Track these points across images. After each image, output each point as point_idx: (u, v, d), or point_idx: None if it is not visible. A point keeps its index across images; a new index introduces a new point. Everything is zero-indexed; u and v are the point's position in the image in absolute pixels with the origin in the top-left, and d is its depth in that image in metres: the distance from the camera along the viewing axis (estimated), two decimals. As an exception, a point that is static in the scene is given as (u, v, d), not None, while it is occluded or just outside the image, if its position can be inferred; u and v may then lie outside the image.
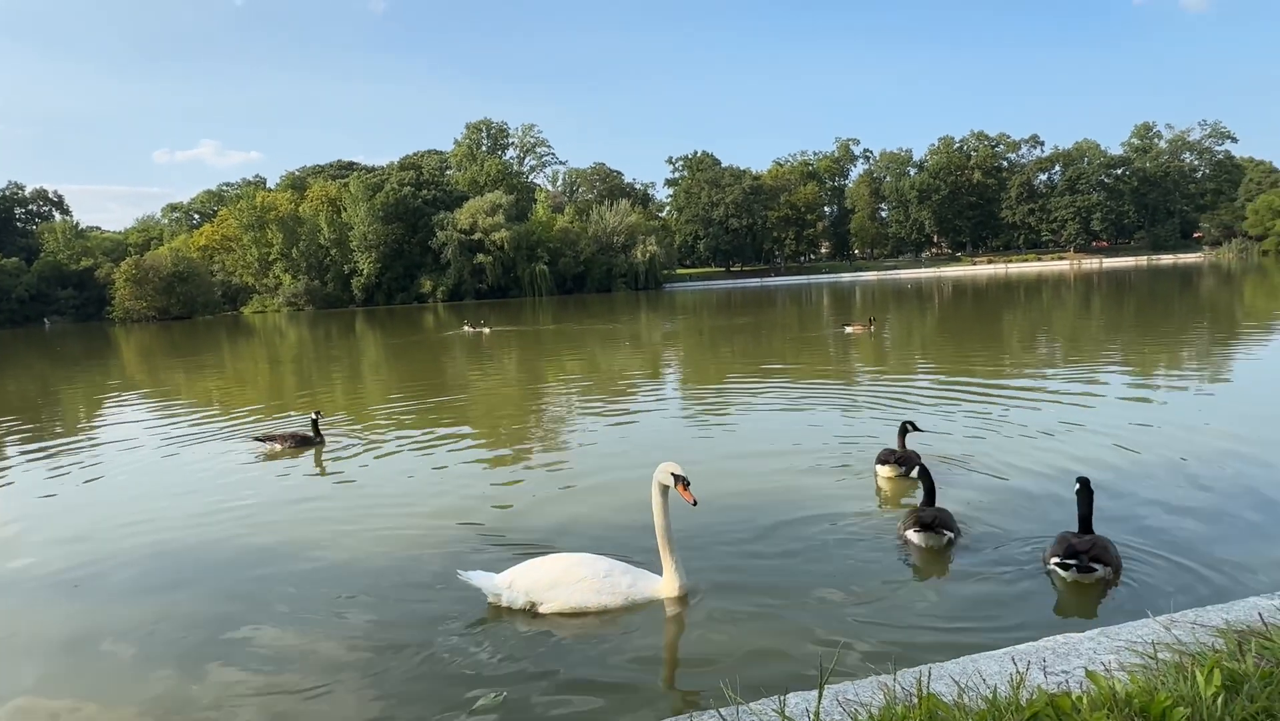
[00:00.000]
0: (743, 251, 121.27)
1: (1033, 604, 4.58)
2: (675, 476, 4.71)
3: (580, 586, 4.76)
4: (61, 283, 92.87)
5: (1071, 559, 4.70)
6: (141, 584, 5.75)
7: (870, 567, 5.22)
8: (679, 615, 4.68)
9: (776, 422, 10.42)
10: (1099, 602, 4.54)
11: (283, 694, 4.02)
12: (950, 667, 2.81)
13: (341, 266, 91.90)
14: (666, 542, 4.83)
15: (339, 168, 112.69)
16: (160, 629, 4.91)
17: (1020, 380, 12.97)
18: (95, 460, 10.49)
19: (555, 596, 4.77)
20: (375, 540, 6.40)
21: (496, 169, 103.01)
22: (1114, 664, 2.69)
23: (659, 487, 4.85)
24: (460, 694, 3.91)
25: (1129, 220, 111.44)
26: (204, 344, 39.91)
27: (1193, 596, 4.39)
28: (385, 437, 10.77)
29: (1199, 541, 5.36)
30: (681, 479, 4.69)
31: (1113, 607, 4.41)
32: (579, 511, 6.87)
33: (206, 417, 13.66)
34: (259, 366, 25.96)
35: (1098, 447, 7.98)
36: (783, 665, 3.98)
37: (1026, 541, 5.51)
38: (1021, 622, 4.26)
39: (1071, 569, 4.68)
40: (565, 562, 4.92)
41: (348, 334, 41.78)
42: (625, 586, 4.81)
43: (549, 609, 4.77)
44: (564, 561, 4.93)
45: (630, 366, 19.02)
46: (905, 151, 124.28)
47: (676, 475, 4.71)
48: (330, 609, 5.03)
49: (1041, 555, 5.15)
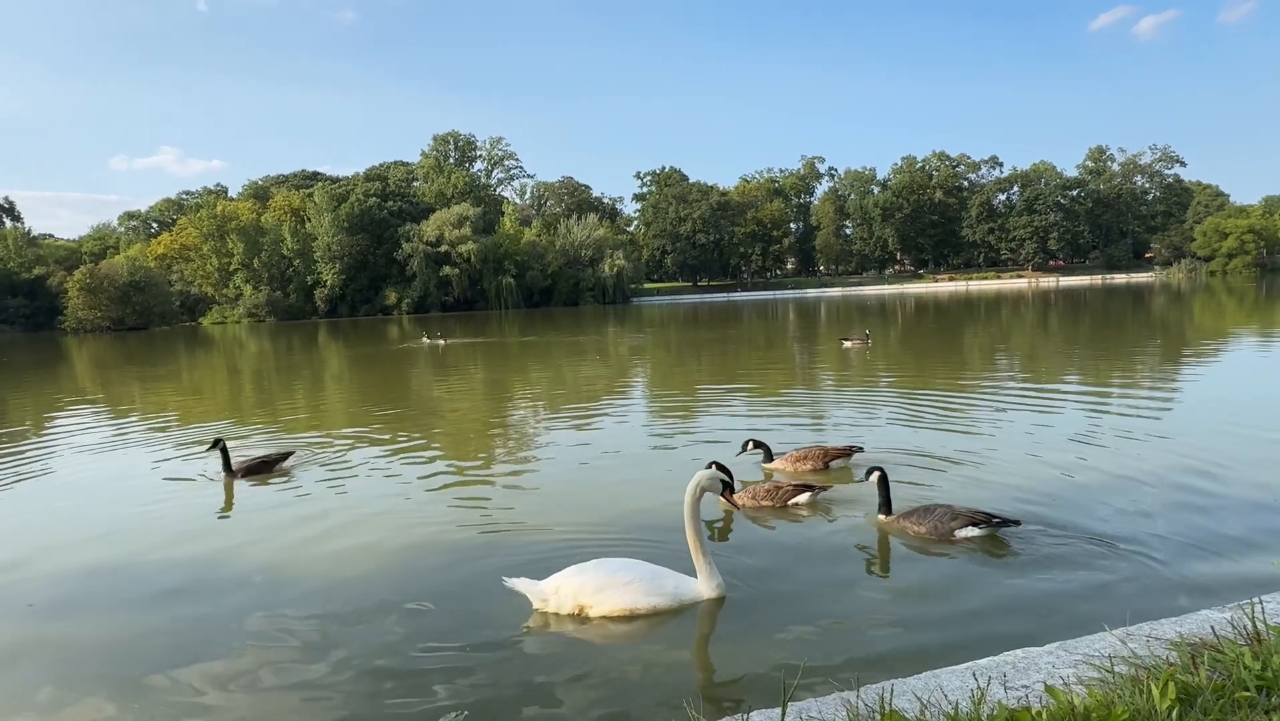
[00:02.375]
0: (710, 266, 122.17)
1: (994, 615, 4.62)
2: (724, 483, 4.91)
3: (630, 588, 4.84)
4: (11, 291, 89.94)
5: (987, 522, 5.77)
6: (107, 602, 5.52)
7: (851, 578, 5.24)
8: (712, 616, 4.80)
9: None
10: (1056, 613, 4.60)
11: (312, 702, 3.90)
12: (913, 683, 2.81)
13: (305, 277, 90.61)
14: (700, 545, 4.95)
15: (303, 178, 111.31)
16: (152, 645, 4.74)
17: (995, 391, 13.20)
18: (47, 475, 10.14)
19: (605, 599, 4.83)
20: (361, 554, 6.27)
21: (464, 181, 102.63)
22: (1072, 678, 2.72)
23: (697, 491, 4.98)
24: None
25: (1084, 240, 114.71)
26: (160, 355, 38.93)
27: (1148, 606, 4.47)
28: (347, 454, 10.58)
29: (1152, 548, 5.47)
30: (729, 485, 4.85)
31: (1070, 619, 4.46)
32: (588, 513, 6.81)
33: (162, 431, 13.30)
34: (217, 378, 25.39)
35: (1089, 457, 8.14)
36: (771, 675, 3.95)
37: (979, 565, 5.57)
38: (982, 634, 4.30)
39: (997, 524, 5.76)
40: (610, 566, 4.99)
41: (309, 345, 41.11)
42: (671, 587, 4.91)
43: (599, 612, 4.82)
44: (608, 565, 5.00)
45: (596, 379, 18.97)
46: (869, 170, 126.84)
47: (725, 481, 4.89)
48: (320, 626, 4.91)
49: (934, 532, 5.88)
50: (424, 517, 7.32)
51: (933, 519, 5.97)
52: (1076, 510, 6.51)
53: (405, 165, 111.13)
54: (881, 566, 5.51)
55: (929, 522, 5.97)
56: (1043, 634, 3.82)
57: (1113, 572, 5.19)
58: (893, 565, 5.48)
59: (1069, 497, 6.88)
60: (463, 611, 5.08)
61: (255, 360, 33.05)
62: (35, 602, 5.55)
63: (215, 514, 7.89)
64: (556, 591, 4.92)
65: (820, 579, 5.32)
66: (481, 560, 6.05)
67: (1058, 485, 7.29)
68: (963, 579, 5.20)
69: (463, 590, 5.43)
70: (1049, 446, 8.94)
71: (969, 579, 5.19)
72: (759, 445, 8.64)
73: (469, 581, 5.60)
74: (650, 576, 4.95)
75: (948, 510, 6.00)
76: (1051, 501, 6.79)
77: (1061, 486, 7.26)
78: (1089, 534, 5.94)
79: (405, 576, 5.79)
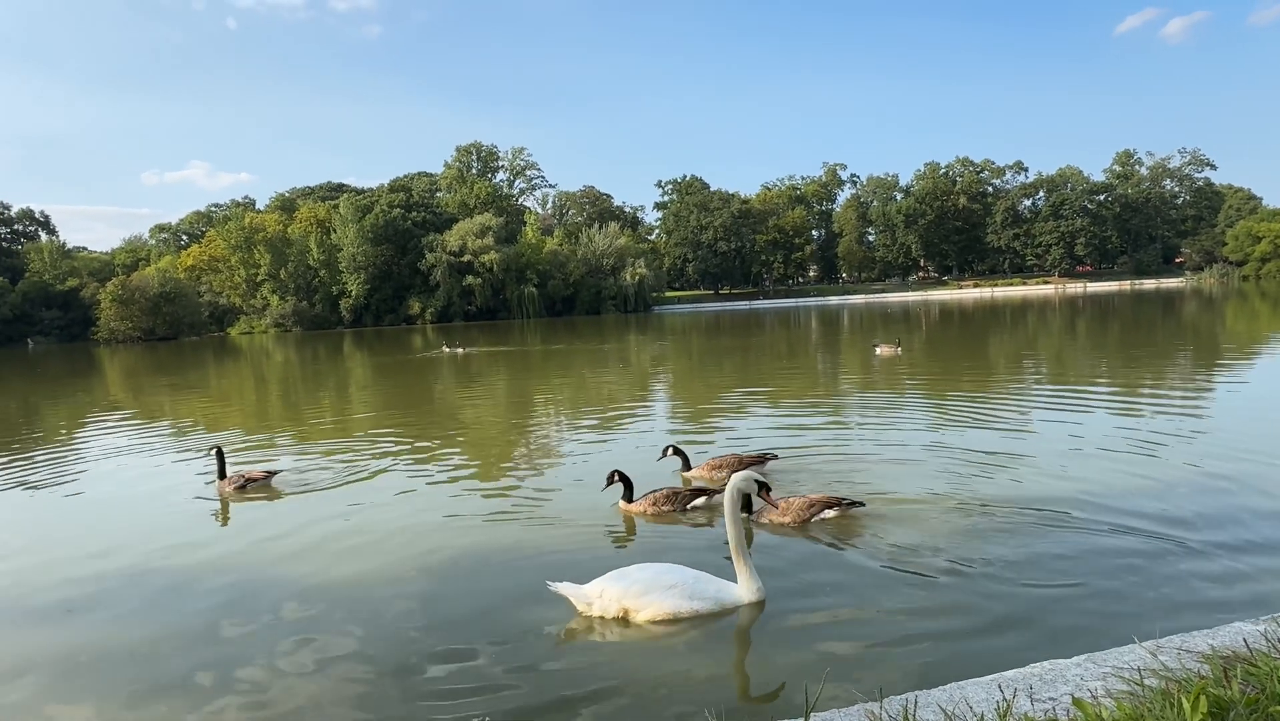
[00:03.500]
0: (731, 274, 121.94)
1: (1019, 627, 4.56)
2: (759, 483, 4.86)
3: (673, 593, 4.89)
4: (46, 303, 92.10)
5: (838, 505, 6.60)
6: (143, 608, 5.60)
7: (873, 590, 5.20)
8: (754, 621, 4.81)
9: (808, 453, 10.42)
10: (1085, 626, 4.53)
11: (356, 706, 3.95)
12: (937, 695, 2.78)
13: (330, 288, 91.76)
14: (740, 549, 4.97)
15: (329, 189, 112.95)
16: (190, 651, 4.81)
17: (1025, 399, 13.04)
18: (81, 482, 10.34)
19: (648, 603, 4.88)
20: (393, 560, 6.33)
21: (486, 191, 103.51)
22: (1100, 690, 2.68)
23: (735, 496, 4.99)
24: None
25: (1112, 245, 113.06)
26: (189, 365, 39.60)
27: (1177, 620, 4.39)
28: (372, 462, 10.67)
29: (1182, 561, 5.37)
30: (765, 485, 4.85)
31: (1098, 632, 4.39)
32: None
33: (192, 439, 13.52)
34: (244, 387, 25.76)
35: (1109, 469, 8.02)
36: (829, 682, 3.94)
37: (1010, 565, 5.50)
38: (1008, 646, 4.24)
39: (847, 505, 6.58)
40: (654, 571, 5.05)
41: (335, 355, 41.58)
42: (713, 591, 4.94)
43: (643, 616, 4.88)
44: (652, 570, 5.07)
45: (619, 387, 19.01)
46: (891, 177, 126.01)
47: (760, 482, 4.86)
48: (390, 630, 4.97)
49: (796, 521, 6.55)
50: (453, 524, 7.38)
51: (791, 513, 6.64)
52: (1107, 518, 6.41)
53: (429, 176, 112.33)
54: (907, 575, 5.45)
55: (791, 514, 6.63)
56: (1070, 645, 3.76)
57: (1142, 583, 5.10)
58: (919, 574, 5.42)
59: (1099, 504, 6.77)
60: (496, 617, 5.12)
61: (281, 369, 33.50)
62: (74, 608, 5.66)
63: (244, 522, 7.99)
64: (600, 595, 5.00)
65: (845, 587, 5.27)
66: (515, 565, 6.09)
67: (1089, 491, 7.17)
68: (989, 588, 5.13)
69: (496, 596, 5.47)
70: (1081, 452, 8.83)
71: (995, 588, 5.13)
72: (678, 452, 8.87)
73: (503, 587, 5.64)
74: (693, 581, 4.99)
75: (803, 499, 6.76)
76: (1082, 508, 6.69)
77: (1093, 493, 7.14)
78: (1118, 543, 5.85)
79: (437, 583, 5.84)
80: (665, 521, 7.17)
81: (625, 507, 7.40)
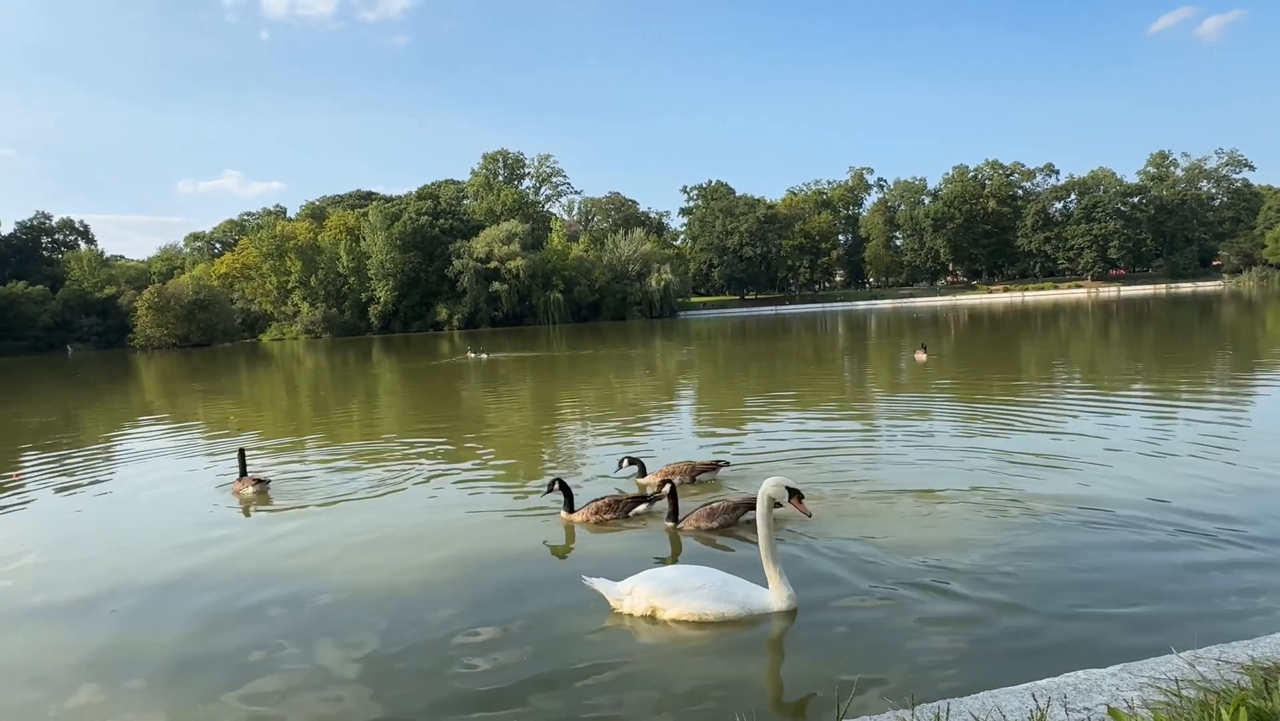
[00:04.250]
0: (757, 279, 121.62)
1: (1052, 637, 4.50)
2: (789, 490, 4.82)
3: (699, 594, 4.93)
4: (85, 310, 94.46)
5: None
6: (182, 609, 5.70)
7: (904, 595, 5.15)
8: (784, 629, 4.78)
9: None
10: (1120, 635, 4.45)
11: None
12: (969, 703, 2.76)
13: (359, 294, 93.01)
14: (772, 556, 4.95)
15: (358, 197, 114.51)
16: (237, 652, 4.90)
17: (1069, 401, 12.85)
18: (120, 486, 10.57)
19: (675, 603, 4.95)
20: (422, 564, 6.41)
21: (513, 198, 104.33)
22: (1137, 701, 2.64)
23: (767, 501, 4.98)
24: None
25: (1147, 248, 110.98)
26: (223, 370, 40.33)
27: (1215, 630, 4.30)
28: (400, 465, 10.79)
29: (1218, 573, 5.26)
30: (795, 491, 4.78)
31: (1134, 641, 4.32)
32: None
33: (227, 443, 13.77)
34: (276, 392, 26.18)
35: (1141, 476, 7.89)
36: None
37: (1043, 571, 5.43)
38: (1041, 656, 4.18)
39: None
40: (684, 571, 5.13)
41: (363, 360, 42.11)
42: (742, 596, 4.95)
43: (669, 615, 4.95)
44: (682, 570, 5.16)
45: (645, 392, 19.02)
46: (919, 180, 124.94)
47: (790, 488, 4.81)
48: (411, 629, 5.04)
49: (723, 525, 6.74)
50: (480, 523, 7.45)
51: (719, 515, 6.81)
52: (1143, 523, 6.30)
53: (456, 183, 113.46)
54: (938, 581, 5.39)
55: (719, 518, 6.81)
56: (1105, 655, 3.71)
57: (1179, 591, 5.00)
58: (950, 579, 5.36)
59: (1135, 509, 6.65)
60: (526, 616, 5.16)
61: (312, 375, 33.98)
62: (118, 608, 5.78)
63: (277, 526, 8.09)
64: (631, 593, 5.09)
65: (875, 592, 5.23)
66: (542, 566, 6.14)
67: (1125, 496, 7.04)
68: (1021, 594, 5.06)
69: (527, 595, 5.50)
70: (1119, 455, 8.69)
71: (1028, 594, 5.06)
72: (634, 461, 8.95)
73: (535, 586, 5.69)
74: (721, 584, 5.00)
75: (725, 503, 6.95)
76: (1118, 512, 6.58)
77: (1129, 497, 7.01)
78: (1154, 549, 5.74)
79: (466, 584, 5.90)
80: (609, 530, 7.15)
81: (566, 518, 7.37)
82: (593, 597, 5.26)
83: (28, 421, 20.61)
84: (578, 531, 7.18)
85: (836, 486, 8.16)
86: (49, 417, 21.38)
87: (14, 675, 4.80)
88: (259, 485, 9.33)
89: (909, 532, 6.51)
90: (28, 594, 6.30)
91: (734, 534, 6.79)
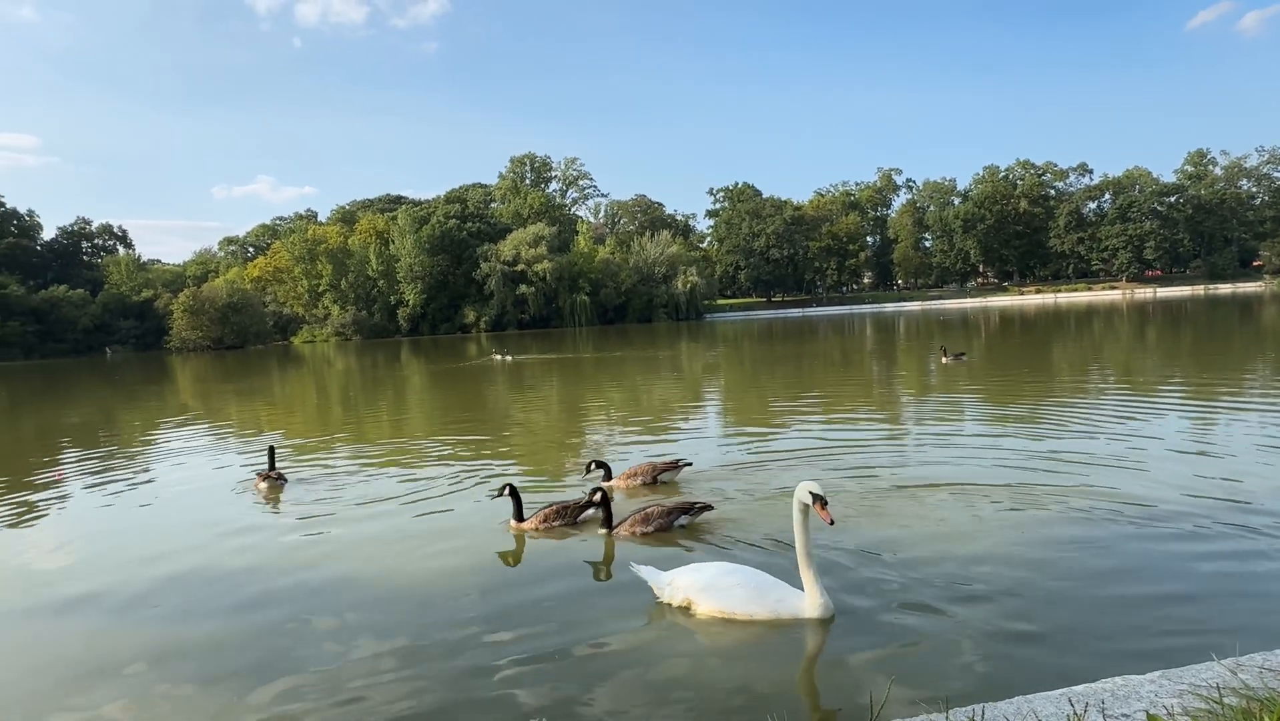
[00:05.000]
0: (784, 282, 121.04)
1: (1088, 642, 4.42)
2: (814, 496, 4.79)
3: (731, 593, 4.98)
4: (124, 313, 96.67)
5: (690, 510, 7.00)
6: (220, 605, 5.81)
7: (938, 599, 5.10)
8: (818, 632, 4.74)
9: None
10: (1159, 641, 4.37)
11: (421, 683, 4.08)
12: (1004, 707, 2.73)
13: (388, 297, 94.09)
14: (807, 562, 4.90)
15: (387, 201, 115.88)
16: (270, 645, 5.01)
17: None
18: (157, 483, 10.79)
19: (709, 599, 5.02)
20: (455, 561, 6.48)
21: (539, 201, 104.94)
22: (1177, 708, 2.59)
23: (800, 506, 4.95)
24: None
25: (1184, 248, 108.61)
26: (256, 372, 41.03)
27: (1258, 637, 4.20)
28: (428, 465, 10.90)
29: (1261, 578, 5.14)
30: (820, 498, 4.76)
31: (1173, 647, 4.23)
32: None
33: (260, 442, 14.02)
34: (307, 393, 26.58)
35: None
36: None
37: (1081, 576, 5.34)
38: (1077, 662, 4.11)
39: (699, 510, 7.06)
40: (722, 569, 5.18)
41: (392, 362, 42.59)
42: (773, 601, 4.94)
43: (702, 610, 5.04)
44: (721, 568, 5.21)
45: (671, 394, 19.01)
46: (949, 181, 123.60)
47: (815, 494, 4.78)
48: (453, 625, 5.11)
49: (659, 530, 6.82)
50: (502, 526, 7.50)
51: (655, 520, 6.88)
52: (1184, 526, 6.18)
53: (483, 187, 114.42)
54: (973, 584, 5.33)
55: (654, 523, 6.87)
56: (1143, 661, 3.64)
57: (1220, 597, 4.89)
58: (985, 583, 5.29)
59: (1175, 512, 6.52)
60: (565, 611, 5.24)
61: (342, 377, 34.44)
62: (159, 605, 5.91)
63: (308, 525, 8.21)
64: (671, 584, 5.20)
65: (909, 595, 5.18)
66: (573, 564, 6.16)
67: (1166, 498, 6.91)
68: (1058, 599, 4.99)
69: (556, 597, 5.54)
70: (1158, 457, 8.52)
71: (1064, 600, 4.98)
72: (600, 465, 9.03)
73: (573, 581, 5.73)
74: (755, 585, 5.01)
75: (660, 507, 6.98)
76: (1159, 515, 6.45)
77: (1169, 499, 6.87)
78: (1195, 555, 5.62)
79: (501, 577, 5.97)
80: (557, 536, 7.14)
81: (516, 527, 7.35)
82: (622, 595, 5.26)
83: (69, 419, 21.15)
84: (617, 542, 7.19)
85: (864, 485, 8.10)
86: (89, 416, 21.91)
87: (67, 663, 4.94)
88: (275, 480, 9.61)
89: (941, 535, 6.44)
90: (71, 585, 6.47)
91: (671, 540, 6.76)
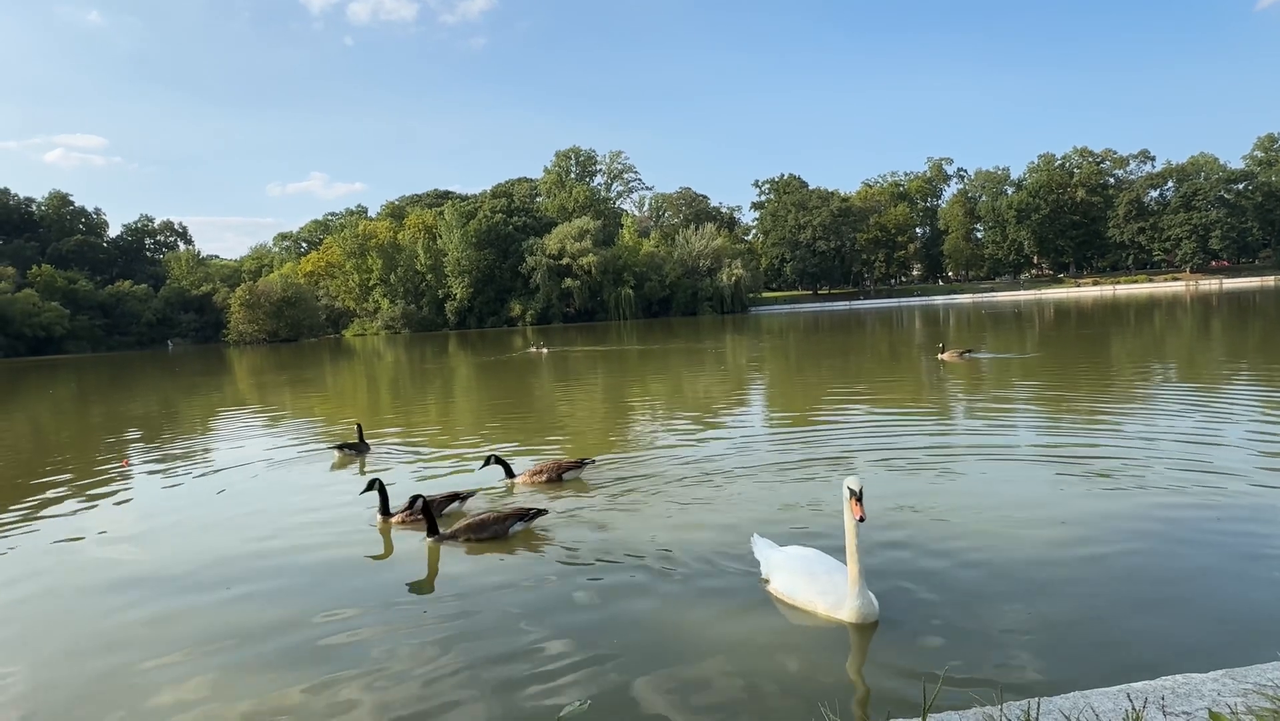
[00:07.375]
0: (830, 274, 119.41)
1: (1146, 641, 4.32)
2: (850, 490, 4.79)
3: (787, 578, 5.15)
4: (184, 307, 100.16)
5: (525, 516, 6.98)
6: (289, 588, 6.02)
7: (992, 593, 5.04)
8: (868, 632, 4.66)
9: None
10: (1220, 638, 4.24)
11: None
12: (1060, 702, 2.69)
13: (436, 291, 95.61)
14: (853, 560, 4.76)
15: (435, 196, 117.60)
16: (333, 626, 5.19)
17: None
18: (221, 471, 11.17)
19: (777, 579, 5.26)
20: (497, 551, 6.62)
21: (585, 195, 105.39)
22: (1241, 707, 2.53)
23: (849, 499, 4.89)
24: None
25: (1253, 237, 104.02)
26: (309, 363, 42.10)
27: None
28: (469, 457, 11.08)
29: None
30: (855, 493, 4.75)
31: (1235, 646, 4.11)
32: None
33: (316, 433, 14.43)
34: (358, 384, 27.21)
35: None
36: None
37: (1139, 572, 5.21)
38: (1135, 659, 4.02)
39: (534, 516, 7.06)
40: (801, 554, 5.31)
41: (440, 354, 43.31)
42: (815, 593, 4.94)
43: (772, 588, 5.27)
44: (801, 552, 5.34)
45: (715, 387, 18.97)
46: (1002, 170, 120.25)
47: (852, 489, 4.78)
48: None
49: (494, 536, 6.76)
50: (562, 509, 7.60)
51: (490, 527, 6.83)
52: (1245, 525, 5.97)
53: (529, 181, 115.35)
54: (1028, 579, 5.24)
55: (489, 530, 6.82)
56: (1204, 659, 3.55)
57: (1290, 600, 4.73)
58: (1040, 578, 5.20)
59: (1236, 508, 6.30)
60: (610, 605, 5.29)
61: (391, 368, 35.16)
62: (233, 586, 6.14)
63: (365, 515, 8.43)
64: (766, 559, 5.48)
65: (962, 589, 5.12)
66: (612, 557, 6.24)
67: (1227, 493, 6.68)
68: (1114, 598, 4.87)
69: (604, 588, 5.62)
70: (1222, 453, 8.22)
71: (1121, 598, 4.86)
72: (499, 461, 9.01)
73: (609, 582, 5.79)
74: (807, 575, 5.05)
75: (495, 514, 6.97)
76: (1220, 511, 6.25)
77: (1229, 491, 6.65)
78: (1259, 554, 5.44)
79: (557, 568, 6.05)
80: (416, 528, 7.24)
81: (382, 522, 7.53)
82: (669, 582, 5.28)
83: (133, 410, 22.01)
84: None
85: (911, 483, 8.00)
86: (150, 407, 22.77)
87: (138, 643, 5.17)
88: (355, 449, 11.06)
89: (993, 531, 6.34)
90: (146, 569, 6.77)
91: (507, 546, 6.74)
